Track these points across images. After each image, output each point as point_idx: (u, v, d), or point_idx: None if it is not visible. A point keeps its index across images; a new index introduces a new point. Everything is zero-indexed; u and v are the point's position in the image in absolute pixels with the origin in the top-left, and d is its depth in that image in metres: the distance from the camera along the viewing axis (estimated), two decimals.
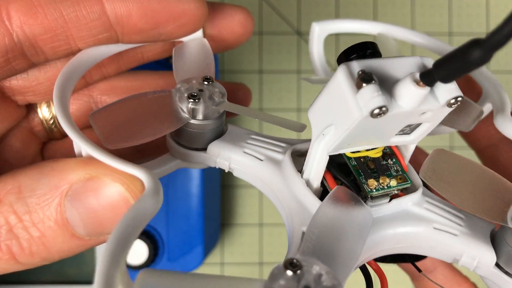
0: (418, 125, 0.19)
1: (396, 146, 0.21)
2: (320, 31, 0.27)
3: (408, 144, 0.20)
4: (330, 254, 0.16)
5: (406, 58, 0.17)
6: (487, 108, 0.25)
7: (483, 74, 0.25)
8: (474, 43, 0.14)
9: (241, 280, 0.15)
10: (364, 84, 0.16)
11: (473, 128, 0.23)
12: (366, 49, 0.19)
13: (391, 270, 0.15)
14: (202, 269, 0.46)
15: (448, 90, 0.17)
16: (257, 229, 0.50)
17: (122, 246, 0.15)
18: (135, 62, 0.25)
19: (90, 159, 0.18)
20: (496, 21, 0.51)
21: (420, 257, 0.24)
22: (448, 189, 0.20)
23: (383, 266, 0.23)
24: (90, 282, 0.40)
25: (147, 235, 0.38)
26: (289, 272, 0.14)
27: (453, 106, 0.17)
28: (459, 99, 0.17)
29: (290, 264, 0.15)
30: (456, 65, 0.15)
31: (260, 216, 0.50)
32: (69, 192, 0.17)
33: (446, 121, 0.23)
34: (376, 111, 0.16)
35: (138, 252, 0.38)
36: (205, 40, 0.24)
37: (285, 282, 0.14)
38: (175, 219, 0.39)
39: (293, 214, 0.20)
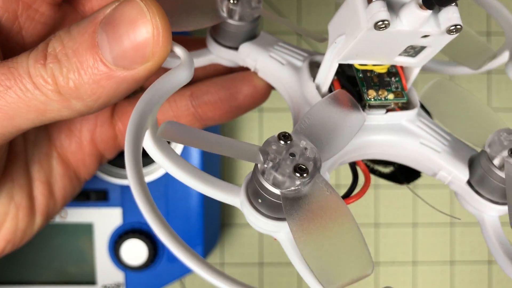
0: (422, 49, 0.21)
1: (402, 68, 0.23)
2: None
3: (412, 66, 0.23)
4: (317, 138, 0.19)
5: None
6: (504, 55, 0.27)
7: (506, 19, 0.27)
8: None
9: (242, 143, 0.18)
10: (373, 0, 0.18)
11: None
12: None
13: (393, 270, 0.16)
14: None
15: (450, 18, 0.19)
16: None
17: (156, 98, 0.18)
18: None
19: None
20: None
21: (413, 178, 0.27)
22: (441, 113, 0.23)
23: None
24: (91, 282, 0.39)
25: (147, 236, 0.38)
26: (281, 142, 0.18)
27: (452, 33, 0.19)
28: (458, 27, 0.19)
29: (283, 136, 0.18)
30: None
31: None
32: (104, 18, 0.19)
33: (457, 56, 0.25)
34: (380, 23, 0.18)
35: (138, 252, 0.38)
36: None
37: (276, 147, 0.18)
38: (175, 219, 0.38)
39: (300, 111, 0.23)
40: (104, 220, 0.38)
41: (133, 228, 0.39)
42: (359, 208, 0.23)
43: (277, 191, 0.17)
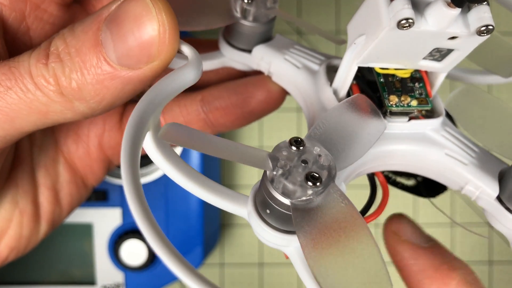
0: (448, 53, 0.20)
1: (426, 73, 0.21)
2: None
3: (437, 72, 0.21)
4: (333, 145, 0.18)
5: None
6: None
7: None
8: None
9: (250, 148, 0.17)
10: None
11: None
12: None
13: (393, 270, 0.15)
14: (202, 270, 0.46)
15: (481, 18, 0.17)
16: None
17: (160, 98, 0.17)
18: None
19: None
20: None
21: (438, 193, 0.25)
22: (468, 122, 0.21)
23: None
24: (90, 282, 0.39)
25: None
26: (293, 147, 0.17)
27: (483, 35, 0.18)
28: (490, 27, 0.18)
29: (295, 141, 0.17)
30: None
31: None
32: (108, 15, 0.18)
33: (487, 64, 0.23)
34: (403, 22, 0.17)
35: (137, 252, 0.38)
36: None
37: (287, 154, 0.16)
38: (175, 219, 0.38)
39: (315, 117, 0.21)
40: (104, 220, 0.38)
41: (133, 229, 0.38)
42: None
43: (287, 201, 0.16)
